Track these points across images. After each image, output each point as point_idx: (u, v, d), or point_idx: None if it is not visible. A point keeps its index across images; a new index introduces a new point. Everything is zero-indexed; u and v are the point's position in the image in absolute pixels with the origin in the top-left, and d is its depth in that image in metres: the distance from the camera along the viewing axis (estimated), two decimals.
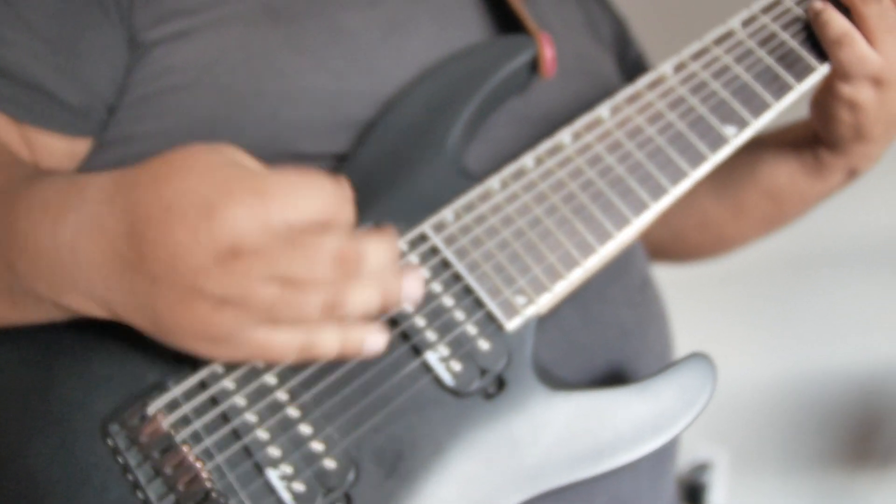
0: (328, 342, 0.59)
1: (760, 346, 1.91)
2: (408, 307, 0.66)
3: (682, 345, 0.93)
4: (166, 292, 0.56)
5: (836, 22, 0.74)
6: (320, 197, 0.55)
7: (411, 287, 0.60)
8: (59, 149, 0.76)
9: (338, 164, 0.75)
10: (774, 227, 1.01)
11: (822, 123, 0.83)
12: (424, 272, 0.67)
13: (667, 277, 1.17)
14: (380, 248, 0.57)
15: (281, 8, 0.78)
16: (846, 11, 0.75)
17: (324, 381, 0.64)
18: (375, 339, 0.61)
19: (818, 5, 0.75)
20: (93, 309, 0.61)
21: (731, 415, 1.90)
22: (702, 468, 1.90)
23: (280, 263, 0.54)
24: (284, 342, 0.57)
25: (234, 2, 0.77)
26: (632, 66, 1.04)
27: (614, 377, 0.76)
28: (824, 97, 0.80)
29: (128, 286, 0.57)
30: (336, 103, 0.76)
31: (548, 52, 0.80)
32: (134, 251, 0.56)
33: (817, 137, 0.86)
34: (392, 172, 0.73)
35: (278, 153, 0.74)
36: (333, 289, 0.55)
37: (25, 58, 0.73)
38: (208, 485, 0.60)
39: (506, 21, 0.86)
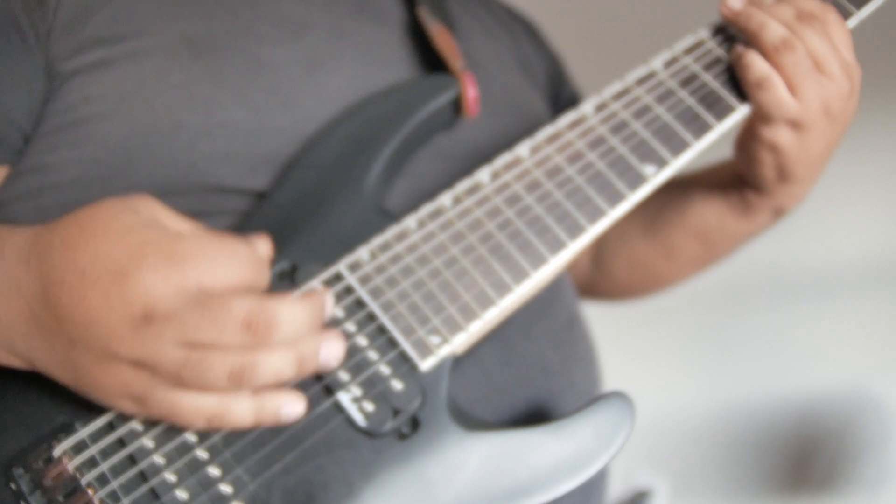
0: (240, 411, 0.59)
1: (700, 377, 1.94)
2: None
3: (621, 377, 0.95)
4: (84, 354, 0.57)
5: (757, 65, 0.75)
6: (234, 263, 0.57)
7: (331, 352, 0.60)
8: None
9: (257, 200, 0.75)
10: (704, 267, 1.03)
11: (746, 165, 0.85)
12: (339, 311, 0.68)
13: (603, 311, 1.19)
14: (295, 313, 0.58)
15: (201, 40, 0.78)
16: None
17: None
18: (292, 408, 0.61)
19: (740, 48, 0.77)
20: (13, 361, 0.62)
21: (672, 443, 1.94)
22: (643, 496, 1.92)
23: (188, 328, 0.55)
24: (194, 407, 0.58)
25: (154, 33, 0.77)
26: (566, 104, 1.04)
27: (535, 417, 0.77)
28: (746, 139, 0.82)
29: (47, 345, 0.59)
30: (255, 138, 0.76)
31: (470, 92, 0.81)
32: (50, 314, 0.57)
33: (743, 179, 0.88)
34: (311, 210, 0.74)
35: (195, 186, 0.74)
36: (241, 355, 0.56)
37: None
38: None
39: (432, 59, 0.87)
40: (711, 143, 0.78)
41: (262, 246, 0.66)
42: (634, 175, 0.74)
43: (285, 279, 0.69)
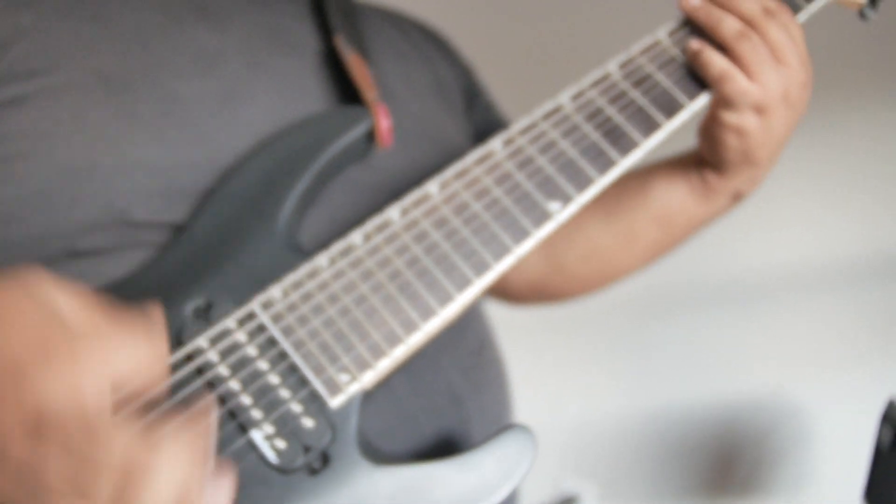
0: None
1: (624, 384, 1.99)
2: (234, 386, 0.70)
3: (546, 385, 0.99)
4: None
5: (715, 61, 0.81)
6: (132, 352, 0.58)
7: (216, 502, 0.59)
8: None
9: (174, 234, 0.78)
10: (661, 253, 1.05)
11: (711, 150, 0.90)
12: (252, 350, 0.71)
13: (527, 319, 1.24)
14: (177, 465, 0.56)
15: (115, 76, 0.80)
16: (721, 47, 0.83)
17: None
18: None
19: (695, 45, 0.83)
20: None
21: (598, 449, 1.99)
22: (571, 501, 1.98)
23: (77, 444, 0.54)
24: None
25: (69, 69, 0.79)
26: (481, 116, 1.09)
27: (445, 445, 0.81)
28: (712, 125, 0.88)
29: None
30: (171, 173, 0.79)
31: (384, 123, 0.84)
32: None
33: (706, 163, 0.93)
34: (226, 246, 0.76)
35: (114, 221, 0.77)
36: (120, 490, 0.55)
37: None
38: None
39: (347, 89, 0.90)
40: (630, 166, 0.82)
41: (157, 315, 0.64)
42: (540, 212, 0.77)
43: (200, 317, 0.72)
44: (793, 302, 1.91)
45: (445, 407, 0.82)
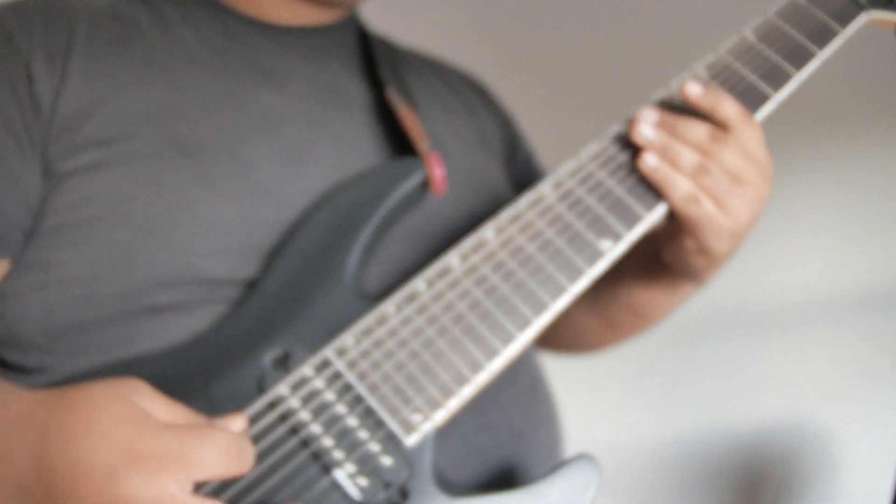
0: None
1: (655, 410, 2.06)
2: (316, 430, 0.78)
3: (579, 412, 1.07)
4: None
5: (679, 185, 0.86)
6: (216, 456, 0.68)
7: None
8: None
9: (246, 288, 0.86)
10: (642, 332, 1.18)
11: (674, 259, 0.97)
12: (330, 395, 0.78)
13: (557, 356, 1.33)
14: None
15: (187, 141, 0.88)
16: None
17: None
18: None
19: (651, 162, 0.87)
20: None
21: (628, 472, 2.06)
22: None
23: None
24: None
25: (144, 135, 0.87)
26: (522, 165, 1.17)
27: (507, 477, 0.88)
28: (673, 243, 0.94)
29: None
30: (243, 232, 0.86)
31: (437, 172, 0.92)
32: (42, 491, 0.67)
33: (667, 264, 1.00)
34: (297, 298, 0.84)
35: (189, 279, 0.84)
36: None
37: None
38: None
39: (398, 140, 0.98)
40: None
41: (237, 424, 0.75)
42: (592, 251, 0.84)
43: (279, 366, 0.80)
44: (818, 329, 1.98)
45: (507, 441, 0.90)
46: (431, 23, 1.59)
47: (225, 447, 0.69)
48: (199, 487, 0.70)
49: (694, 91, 0.87)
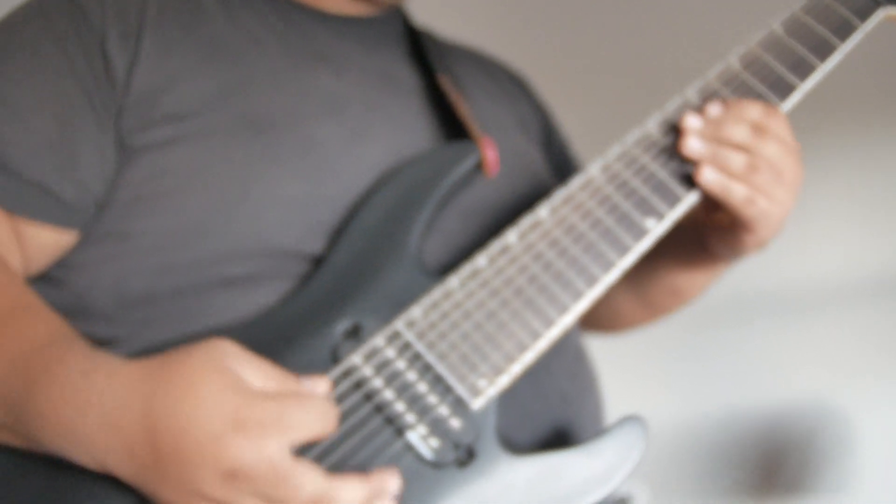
0: None
1: (676, 390, 2.14)
2: (389, 396, 0.84)
3: (608, 395, 1.14)
4: (170, 488, 0.74)
5: (736, 191, 0.92)
6: (308, 418, 0.74)
7: None
8: (48, 240, 0.91)
9: (312, 263, 0.92)
10: (675, 311, 1.25)
11: (727, 253, 1.04)
12: (401, 364, 0.85)
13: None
14: (356, 494, 0.75)
15: (257, 120, 0.94)
16: None
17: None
18: None
19: (710, 175, 0.92)
20: (92, 466, 0.77)
21: (649, 453, 2.13)
22: (625, 501, 2.11)
23: (267, 490, 0.72)
24: None
25: (216, 112, 0.93)
26: (557, 153, 1.24)
27: (559, 439, 0.95)
28: (734, 244, 1.01)
29: (135, 471, 0.75)
30: (310, 207, 0.93)
31: (490, 155, 0.98)
32: (149, 455, 0.73)
33: (710, 248, 1.06)
34: (364, 272, 0.90)
35: (259, 251, 0.90)
36: None
37: (26, 157, 0.89)
38: None
39: (452, 126, 1.04)
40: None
41: (321, 385, 0.81)
42: (638, 229, 0.91)
43: (350, 337, 0.86)
44: (836, 312, 2.05)
45: (557, 406, 0.96)
46: (469, 19, 1.66)
47: (317, 411, 0.76)
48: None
49: (715, 111, 0.94)
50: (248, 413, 0.73)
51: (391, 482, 0.78)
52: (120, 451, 0.74)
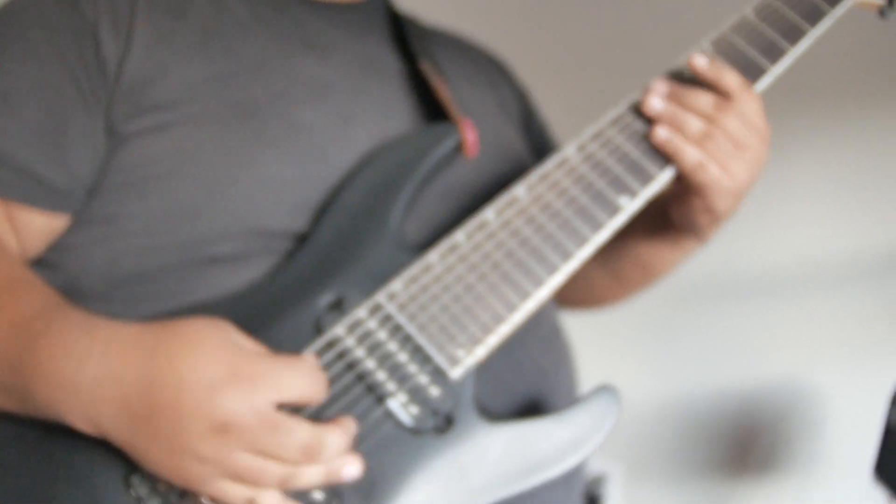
0: (272, 500, 0.80)
1: (650, 369, 2.18)
2: (370, 365, 0.88)
3: (584, 374, 1.19)
4: (163, 442, 0.78)
5: (689, 153, 0.96)
6: (298, 379, 0.79)
7: (351, 472, 0.82)
8: (40, 225, 0.95)
9: (297, 240, 0.96)
10: (646, 287, 1.30)
11: (681, 219, 1.08)
12: (383, 335, 0.89)
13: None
14: (338, 440, 0.80)
15: (245, 106, 0.97)
16: None
17: None
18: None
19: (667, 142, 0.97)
20: (86, 429, 0.81)
21: (624, 432, 2.16)
22: (599, 481, 2.15)
23: (258, 441, 0.77)
24: (236, 495, 0.80)
25: (205, 99, 0.96)
26: (536, 135, 1.28)
27: (534, 409, 0.99)
28: (682, 204, 1.05)
29: (129, 427, 0.79)
30: (297, 188, 0.96)
31: (470, 136, 1.02)
32: (146, 407, 0.77)
33: (673, 222, 1.11)
34: (347, 248, 0.94)
35: (246, 230, 0.94)
36: (292, 467, 0.79)
37: (18, 144, 0.93)
38: None
39: (434, 109, 1.08)
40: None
41: (310, 357, 0.85)
42: (612, 206, 0.95)
43: (334, 310, 0.90)
44: (809, 292, 2.09)
45: (533, 378, 1.01)
46: (451, 5, 1.69)
47: (308, 375, 0.80)
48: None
49: (700, 62, 0.98)
50: (243, 367, 0.78)
51: (351, 426, 0.83)
52: (115, 404, 0.78)
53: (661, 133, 0.97)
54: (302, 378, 0.80)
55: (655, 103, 0.98)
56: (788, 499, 2.20)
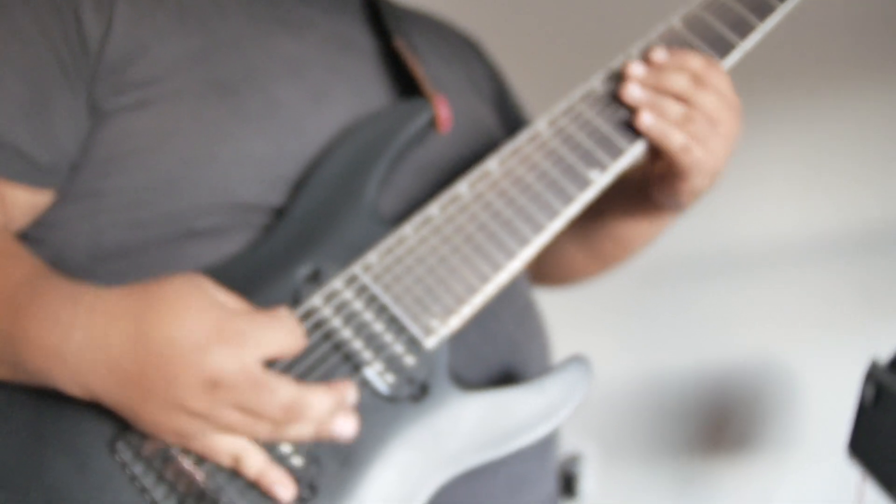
0: (256, 459, 0.84)
1: (625, 348, 2.22)
2: (347, 334, 0.91)
3: (559, 352, 1.21)
4: (154, 402, 0.81)
5: (675, 137, 0.99)
6: (279, 333, 0.83)
7: (344, 430, 0.85)
8: (25, 201, 0.97)
9: (275, 214, 0.98)
10: (622, 262, 1.33)
11: (665, 201, 1.11)
12: (358, 305, 0.91)
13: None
14: (321, 400, 0.83)
15: (223, 83, 1.00)
16: None
17: None
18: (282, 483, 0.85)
19: (648, 120, 0.99)
20: (77, 393, 0.83)
21: (599, 411, 2.21)
22: (574, 460, 2.18)
23: (245, 399, 0.80)
24: (225, 447, 0.83)
25: (185, 76, 0.99)
26: (509, 113, 1.31)
27: (508, 380, 1.02)
28: (670, 193, 1.07)
29: (120, 389, 0.82)
30: (274, 163, 0.99)
31: (443, 112, 1.05)
32: (136, 368, 0.80)
33: (651, 196, 1.13)
34: (323, 222, 0.96)
35: (226, 204, 0.97)
36: (278, 424, 0.82)
37: (1, 122, 0.95)
38: (203, 485, 0.85)
39: (408, 87, 1.11)
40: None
41: (285, 311, 0.87)
42: (582, 180, 0.98)
43: (311, 281, 0.92)
44: (783, 272, 2.13)
45: (506, 350, 1.03)
46: None
47: (286, 327, 0.84)
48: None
49: (660, 56, 1.01)
50: (228, 324, 0.81)
51: (350, 393, 0.86)
52: (105, 367, 0.81)
53: (646, 120, 0.99)
54: (282, 332, 0.83)
55: (634, 91, 1.00)
56: (763, 476, 2.25)
